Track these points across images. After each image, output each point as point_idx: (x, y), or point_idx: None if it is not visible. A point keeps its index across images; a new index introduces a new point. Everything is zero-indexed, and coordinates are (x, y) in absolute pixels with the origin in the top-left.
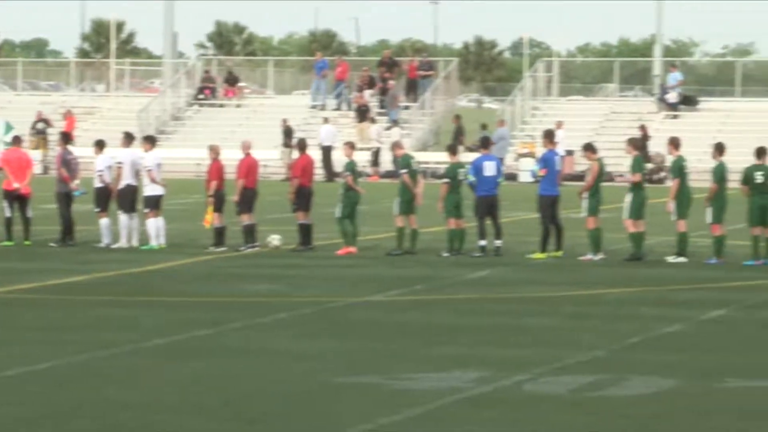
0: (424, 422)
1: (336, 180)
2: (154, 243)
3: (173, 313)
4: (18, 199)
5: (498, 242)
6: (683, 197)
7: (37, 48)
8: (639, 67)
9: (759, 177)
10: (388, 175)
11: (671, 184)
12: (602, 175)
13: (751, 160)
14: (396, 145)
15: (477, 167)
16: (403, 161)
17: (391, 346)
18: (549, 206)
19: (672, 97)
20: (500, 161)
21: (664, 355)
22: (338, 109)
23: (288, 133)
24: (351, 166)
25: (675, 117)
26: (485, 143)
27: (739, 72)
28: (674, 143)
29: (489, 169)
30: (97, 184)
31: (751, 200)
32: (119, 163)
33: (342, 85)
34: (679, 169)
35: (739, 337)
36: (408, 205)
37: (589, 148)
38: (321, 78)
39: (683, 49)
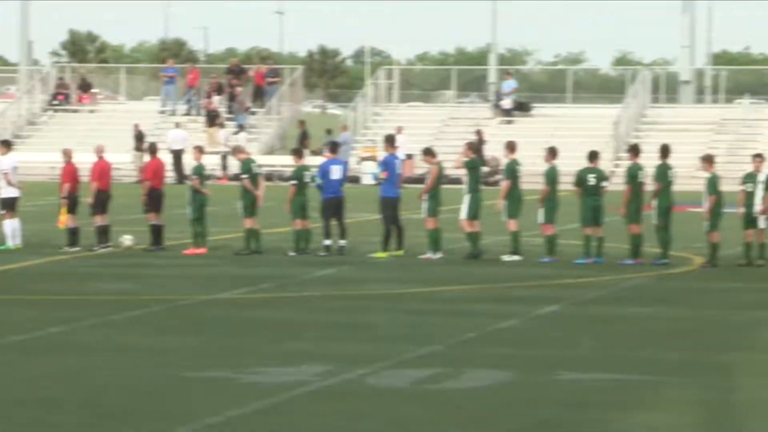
0: (271, 415)
1: (186, 182)
2: (10, 243)
3: (28, 311)
4: None
5: (342, 242)
6: (514, 198)
7: None
8: (475, 75)
9: (591, 179)
10: (236, 177)
11: (505, 185)
12: (441, 178)
13: (582, 163)
14: (237, 150)
15: (324, 171)
16: (243, 166)
17: (239, 341)
18: (390, 207)
19: (506, 103)
20: (346, 165)
21: (499, 349)
22: (188, 114)
23: (139, 137)
24: (198, 170)
25: (509, 122)
26: (333, 148)
27: (570, 80)
28: (510, 147)
29: (335, 172)
30: None
31: (583, 201)
32: None
33: (192, 92)
34: (511, 172)
35: (570, 331)
36: (251, 207)
37: (428, 152)
38: (169, 84)
39: (517, 57)
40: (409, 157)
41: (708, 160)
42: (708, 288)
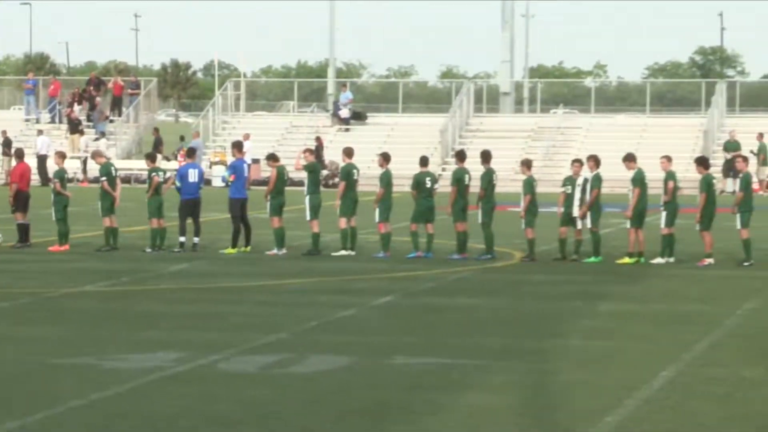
0: (130, 397)
1: (49, 185)
2: None
3: None
4: None
5: (196, 239)
6: (348, 199)
7: None
8: (315, 86)
9: (428, 182)
10: (96, 180)
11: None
12: (284, 180)
13: (413, 167)
14: (96, 154)
15: (182, 174)
16: (103, 169)
17: (102, 331)
18: (238, 207)
19: (344, 112)
20: (201, 169)
21: (340, 336)
22: (52, 122)
23: (7, 143)
24: (60, 174)
25: (347, 130)
26: (191, 153)
27: (401, 91)
28: (347, 152)
29: (192, 175)
30: None
31: (419, 202)
32: None
33: (55, 101)
34: (346, 174)
35: (404, 319)
36: (110, 207)
37: (272, 157)
38: (30, 95)
39: (353, 71)
40: (256, 161)
41: (526, 164)
42: (527, 280)
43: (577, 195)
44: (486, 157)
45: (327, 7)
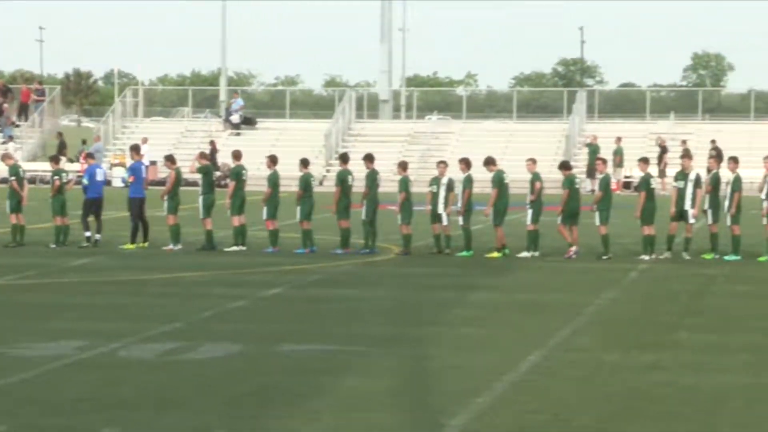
0: (36, 383)
1: None
2: None
3: None
4: None
5: (98, 236)
6: (237, 198)
7: None
8: (208, 94)
9: (313, 182)
10: (4, 180)
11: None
12: (180, 181)
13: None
14: (5, 156)
15: (91, 173)
16: (11, 170)
17: (8, 322)
18: (137, 206)
19: (235, 118)
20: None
21: (232, 325)
22: None
23: None
24: None
25: (238, 135)
26: (91, 156)
27: (288, 98)
28: (236, 155)
29: (100, 175)
30: None
31: (304, 201)
32: None
33: None
34: (236, 175)
35: (291, 310)
36: (17, 206)
37: (169, 159)
38: None
39: (244, 79)
40: (153, 163)
41: (402, 165)
42: (405, 273)
43: (442, 193)
44: (370, 158)
45: (219, 19)
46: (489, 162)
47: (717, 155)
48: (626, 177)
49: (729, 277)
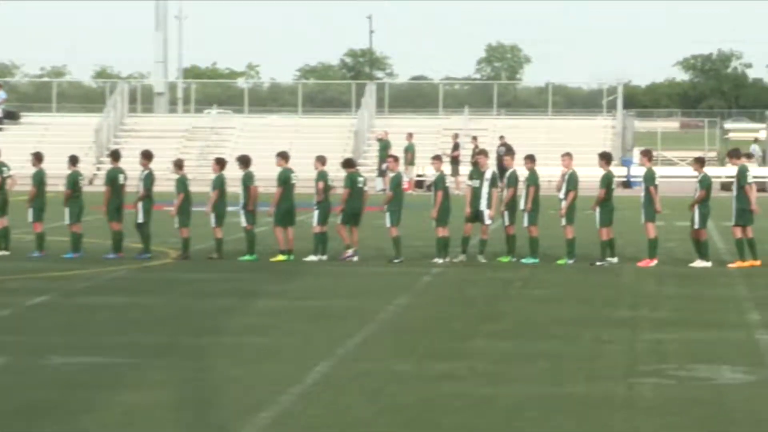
0: None
1: None
2: None
3: None
4: None
5: None
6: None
7: None
8: None
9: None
10: None
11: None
12: None
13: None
14: None
15: None
16: None
17: None
18: None
19: None
20: None
21: None
22: None
23: None
24: None
25: (0, 130)
26: None
27: (54, 91)
28: None
29: None
30: None
31: (75, 202)
32: None
33: None
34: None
35: (60, 319)
36: None
37: None
38: None
39: (6, 70)
40: None
41: (177, 164)
42: (183, 279)
43: (212, 195)
44: (147, 156)
45: None
46: (281, 156)
47: (507, 151)
48: (418, 176)
49: (527, 281)
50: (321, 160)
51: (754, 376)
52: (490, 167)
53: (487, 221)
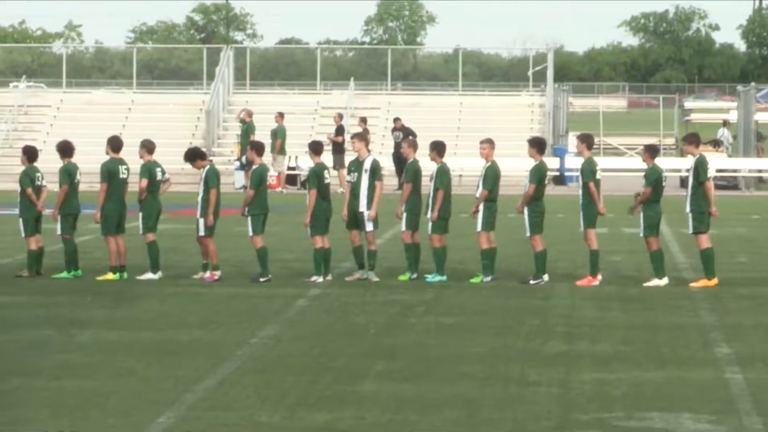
0: None
1: None
2: None
3: None
4: None
5: None
6: None
7: None
8: None
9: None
10: None
11: None
12: None
13: None
14: None
15: None
16: None
17: None
18: None
19: None
20: None
21: None
22: None
23: None
24: None
25: None
26: None
27: None
28: None
29: None
30: None
31: None
32: None
33: None
34: None
35: None
36: None
37: None
38: None
39: None
40: None
41: None
42: None
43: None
44: None
45: None
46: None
47: (405, 137)
48: (290, 168)
49: (431, 306)
50: (147, 146)
51: (724, 426)
52: (370, 156)
53: (368, 227)
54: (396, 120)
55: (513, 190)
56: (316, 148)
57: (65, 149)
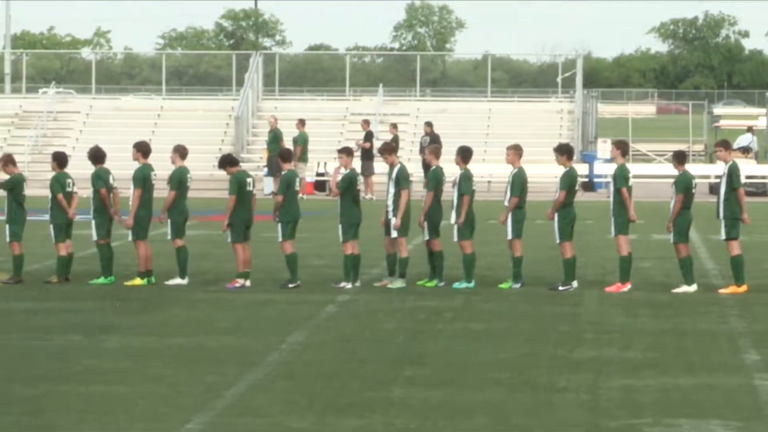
0: None
1: None
2: None
3: None
4: None
5: None
6: None
7: None
8: None
9: None
10: None
11: None
12: None
13: None
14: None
15: None
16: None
17: None
18: None
19: None
20: None
21: None
22: None
23: None
24: None
25: None
26: None
27: None
28: None
29: None
30: None
31: None
32: None
33: None
34: None
35: None
36: None
37: None
38: None
39: None
40: None
41: (8, 159)
42: (12, 309)
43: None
44: None
45: None
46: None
47: (431, 142)
48: (318, 174)
49: (459, 312)
50: (180, 151)
51: None
52: (398, 163)
53: (393, 234)
54: (427, 124)
55: (541, 196)
56: (346, 153)
57: (97, 155)
